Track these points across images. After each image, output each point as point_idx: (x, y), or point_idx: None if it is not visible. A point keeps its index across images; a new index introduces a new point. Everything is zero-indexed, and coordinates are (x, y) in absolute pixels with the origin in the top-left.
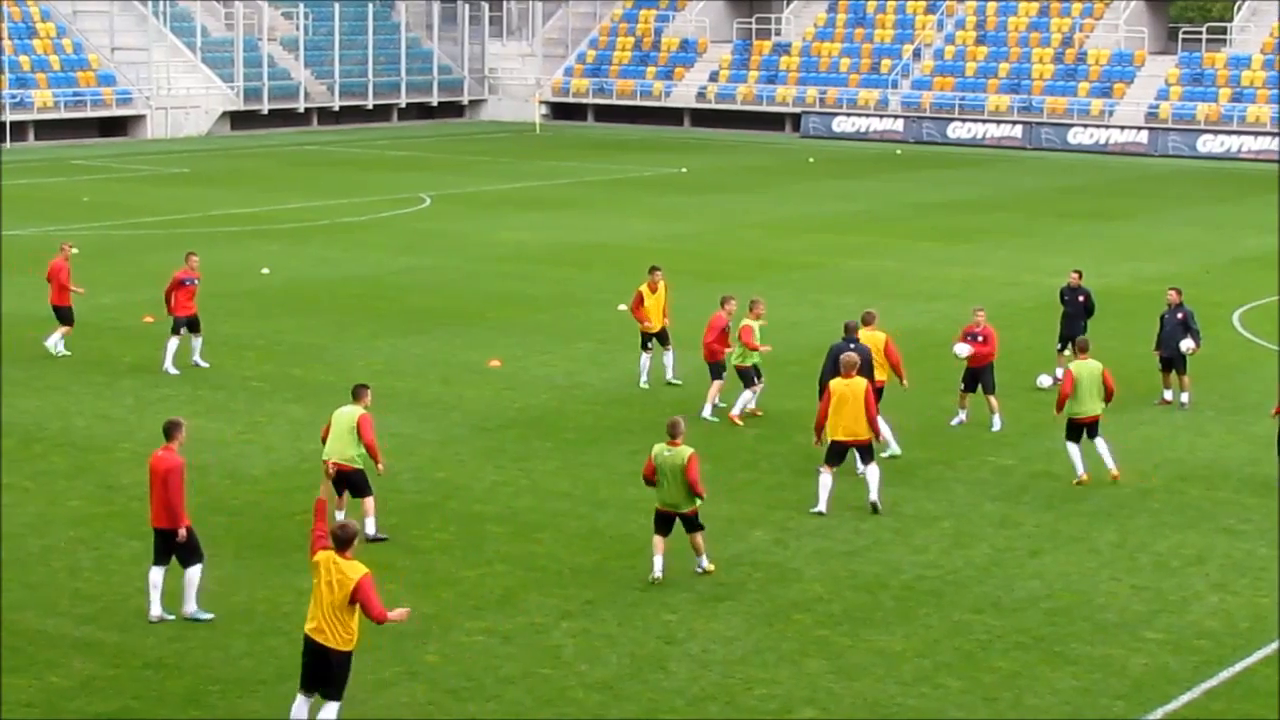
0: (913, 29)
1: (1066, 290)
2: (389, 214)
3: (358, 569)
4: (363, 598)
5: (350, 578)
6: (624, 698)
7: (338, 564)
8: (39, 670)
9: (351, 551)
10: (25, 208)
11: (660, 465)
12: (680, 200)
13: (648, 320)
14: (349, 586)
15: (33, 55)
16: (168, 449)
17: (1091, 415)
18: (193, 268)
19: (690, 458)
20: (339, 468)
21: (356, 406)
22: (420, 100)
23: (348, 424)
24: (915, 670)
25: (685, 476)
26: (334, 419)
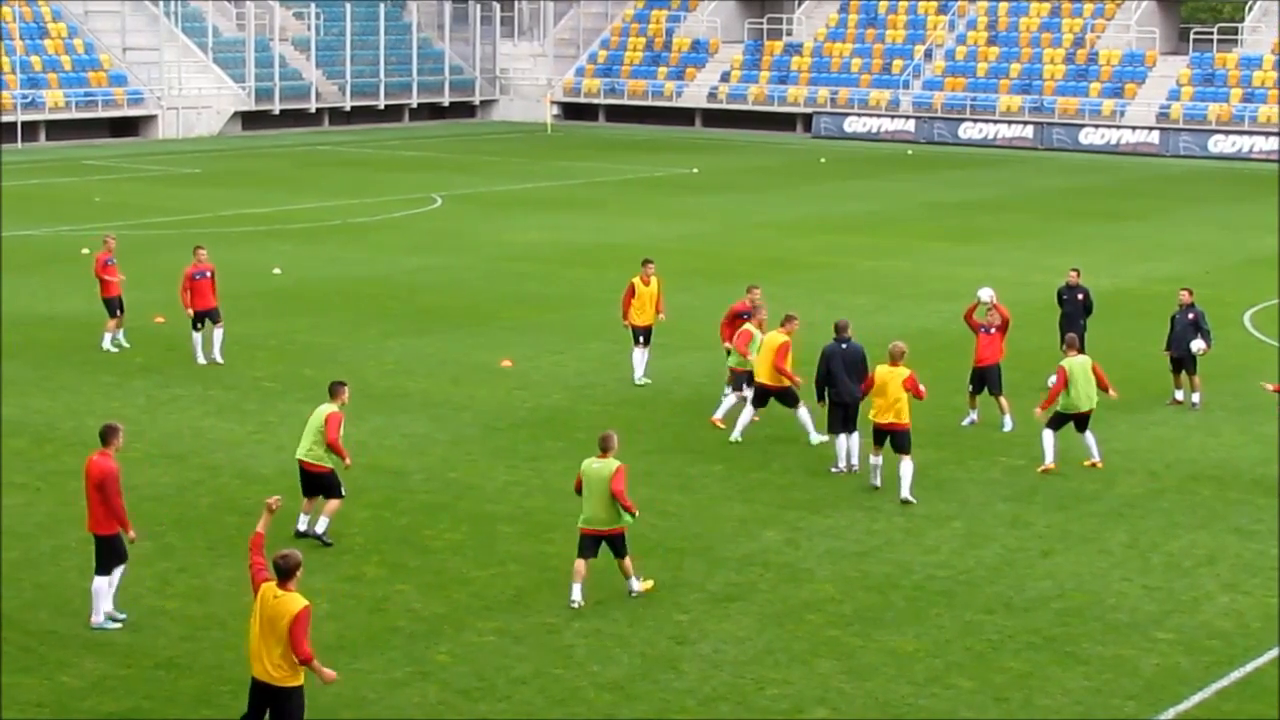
0: (924, 29)
1: (1065, 289)
2: (401, 214)
3: (297, 601)
4: (293, 631)
5: (289, 610)
6: (635, 698)
7: (278, 597)
8: (50, 670)
9: (294, 583)
10: (37, 208)
11: (587, 478)
12: (692, 200)
13: (633, 313)
14: (286, 620)
15: (44, 55)
16: (104, 454)
17: (1085, 411)
18: (201, 260)
19: (617, 470)
20: (309, 467)
21: (331, 404)
22: (432, 100)
23: (318, 422)
24: (927, 670)
25: (610, 489)
26: (311, 418)
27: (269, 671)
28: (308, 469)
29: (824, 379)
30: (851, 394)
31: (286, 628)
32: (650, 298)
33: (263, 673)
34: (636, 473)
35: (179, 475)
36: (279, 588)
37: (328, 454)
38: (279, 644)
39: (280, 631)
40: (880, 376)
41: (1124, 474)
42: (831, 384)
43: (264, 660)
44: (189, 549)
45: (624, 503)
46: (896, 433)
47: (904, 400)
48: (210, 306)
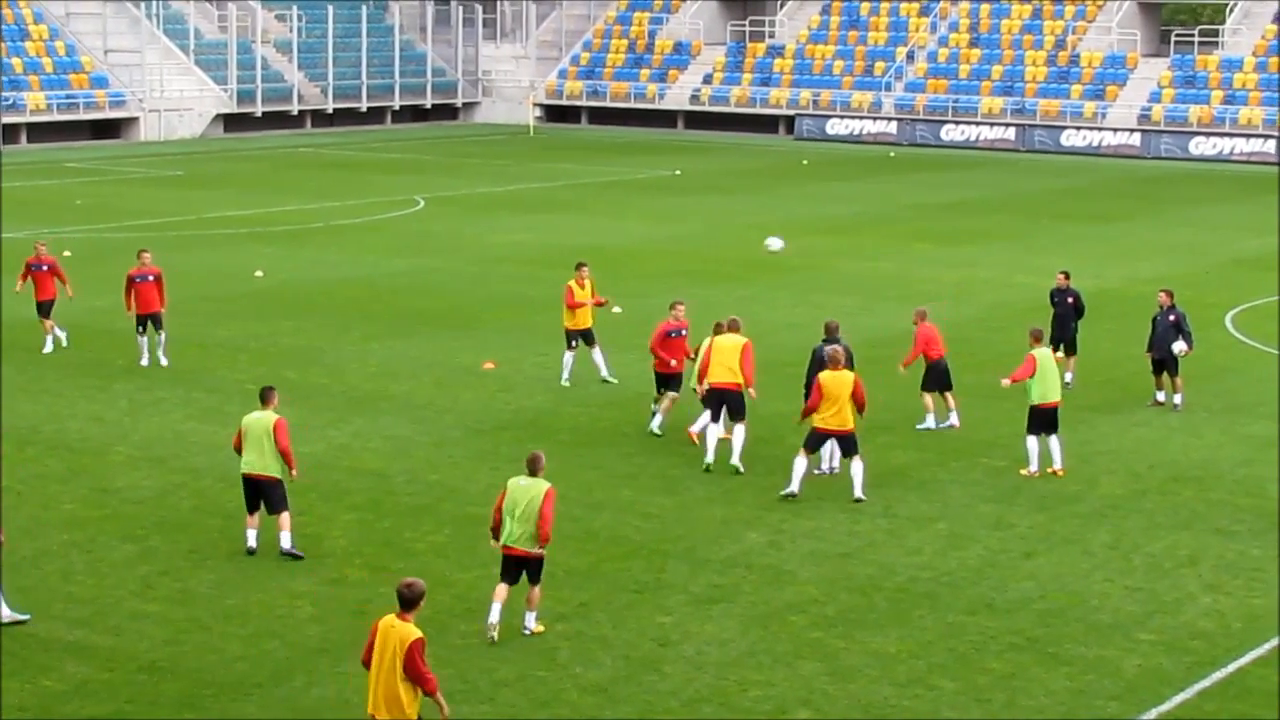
0: (906, 31)
1: (1055, 292)
2: (383, 216)
3: (411, 630)
4: (410, 660)
5: (404, 638)
6: (619, 700)
7: (394, 626)
8: (32, 674)
9: (414, 614)
10: (19, 210)
11: (514, 499)
12: (674, 202)
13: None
14: (401, 648)
15: (25, 57)
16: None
17: (1056, 401)
18: (145, 263)
19: (548, 493)
20: (260, 479)
21: (268, 411)
22: (414, 103)
23: (263, 431)
24: (909, 672)
25: (540, 512)
26: (246, 427)
27: (382, 710)
28: (258, 480)
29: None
30: None
31: (403, 656)
32: (588, 300)
33: (375, 707)
34: (619, 475)
35: (161, 478)
36: (399, 618)
37: (276, 462)
38: (395, 673)
39: (395, 661)
40: (827, 383)
41: (1106, 475)
42: None
43: (379, 697)
44: (171, 552)
45: (545, 529)
46: (843, 437)
47: (849, 404)
48: (154, 310)
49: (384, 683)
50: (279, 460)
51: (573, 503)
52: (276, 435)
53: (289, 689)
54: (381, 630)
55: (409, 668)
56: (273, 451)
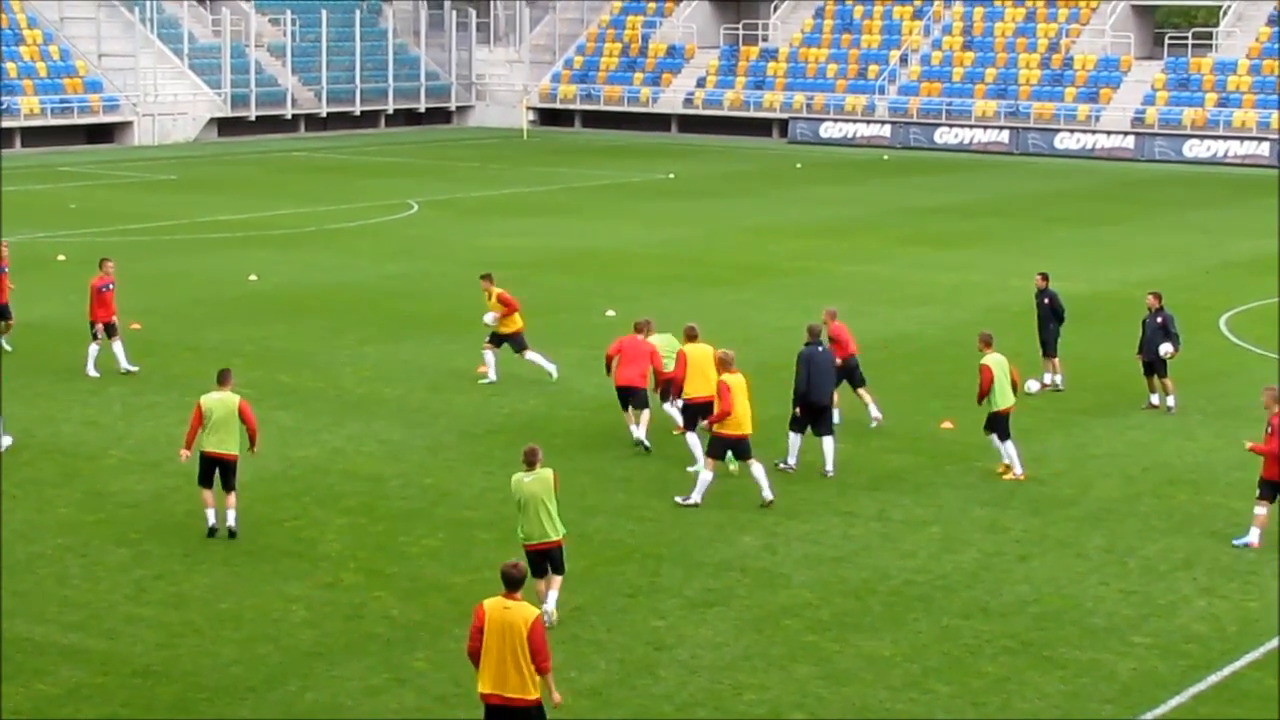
0: (900, 34)
1: (1036, 293)
2: (377, 220)
3: (530, 609)
4: (534, 639)
5: (525, 618)
6: (613, 704)
7: (508, 608)
8: (26, 678)
9: (521, 593)
10: (13, 215)
11: (522, 495)
12: (668, 206)
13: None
14: (524, 628)
15: (20, 62)
16: None
17: (1011, 406)
18: (109, 273)
19: (555, 477)
20: (225, 457)
21: (229, 392)
22: (408, 106)
23: (230, 411)
24: (904, 675)
25: (553, 498)
26: (209, 408)
27: (508, 686)
28: (223, 459)
29: (805, 383)
30: (826, 396)
31: (526, 636)
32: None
33: (500, 686)
34: (614, 479)
35: (155, 482)
36: (506, 598)
37: (239, 442)
38: (518, 652)
39: (520, 640)
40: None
41: (1100, 478)
42: (807, 387)
43: (509, 676)
44: (165, 556)
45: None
46: (743, 443)
47: (749, 409)
48: (111, 319)
49: (508, 661)
50: (243, 439)
51: (567, 506)
52: (244, 415)
53: (283, 693)
54: (492, 613)
55: (537, 642)
56: (237, 431)
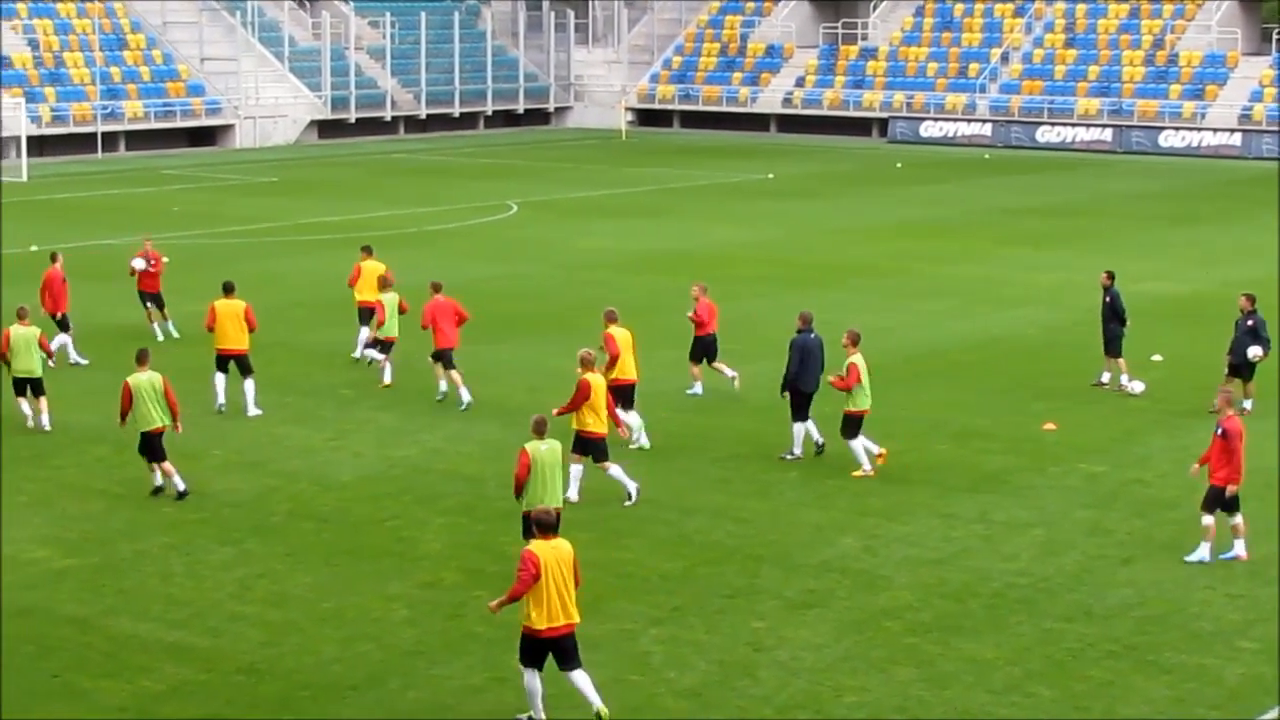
0: (1000, 32)
1: (1102, 292)
2: (476, 222)
3: (567, 544)
4: (576, 565)
5: (570, 552)
6: (712, 705)
7: (555, 547)
8: (131, 675)
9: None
10: (117, 217)
11: (541, 461)
12: (766, 206)
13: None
14: (569, 559)
15: (124, 66)
16: None
17: (867, 409)
18: (60, 264)
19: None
20: (157, 431)
21: (151, 371)
22: (506, 108)
23: (155, 389)
24: (1006, 679)
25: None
26: (137, 387)
27: (571, 615)
28: (158, 434)
29: (797, 369)
30: (816, 383)
31: (572, 563)
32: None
33: (567, 617)
34: (711, 480)
35: (257, 482)
36: (546, 539)
37: (165, 416)
38: (570, 582)
39: (569, 570)
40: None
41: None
42: (799, 374)
43: (569, 607)
44: (267, 555)
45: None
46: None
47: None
48: (63, 312)
49: (563, 594)
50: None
51: (665, 507)
52: (168, 391)
53: (384, 691)
54: (545, 554)
55: (578, 571)
56: (164, 406)
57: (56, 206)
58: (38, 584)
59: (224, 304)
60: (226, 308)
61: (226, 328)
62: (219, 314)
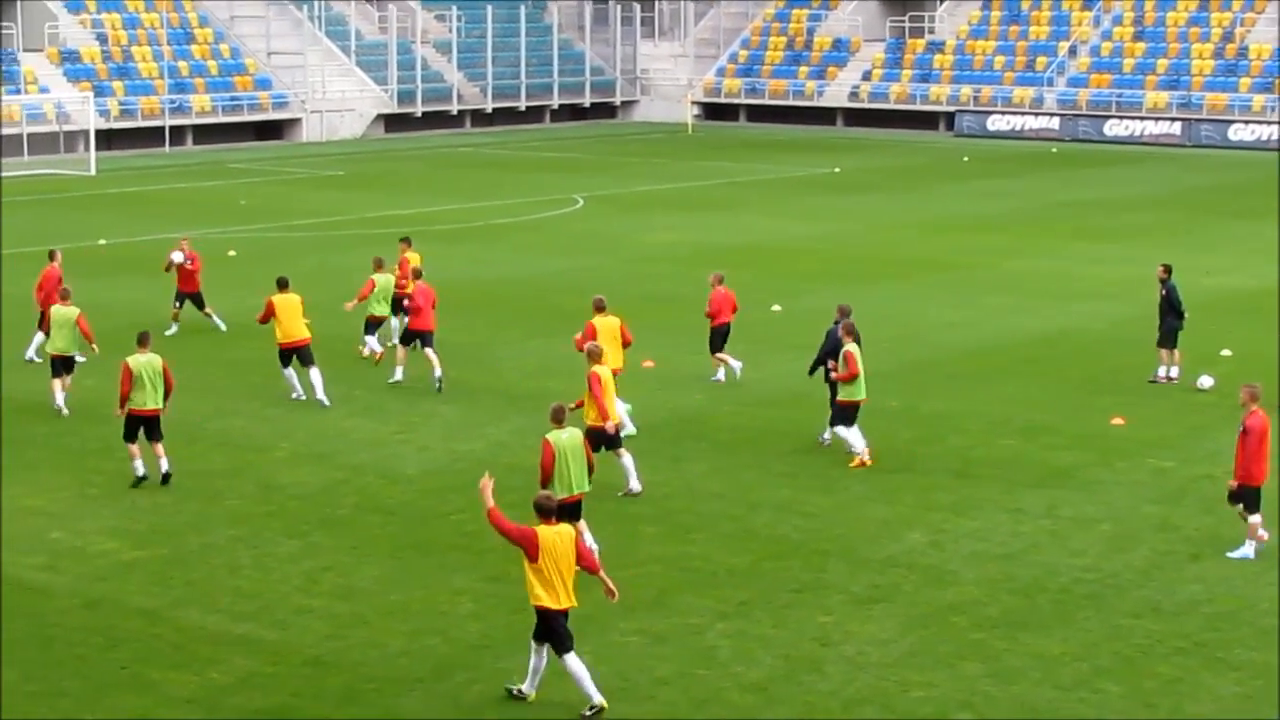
0: (1068, 25)
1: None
2: (542, 215)
3: (570, 528)
4: (581, 550)
5: (573, 536)
6: (778, 700)
7: (558, 532)
8: (199, 666)
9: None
10: (185, 211)
11: (563, 449)
12: (833, 200)
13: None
14: (573, 546)
15: (191, 60)
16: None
17: (862, 400)
18: (58, 262)
19: (584, 436)
20: (148, 413)
21: (151, 353)
22: (572, 101)
23: (155, 372)
24: (1074, 675)
25: (584, 454)
26: (137, 369)
27: (571, 599)
28: (149, 415)
29: (827, 357)
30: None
31: (576, 549)
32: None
33: (568, 599)
34: (778, 474)
35: (324, 475)
36: (547, 524)
37: (161, 398)
38: (571, 565)
39: (571, 555)
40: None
41: (1273, 476)
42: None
43: (570, 590)
44: (334, 548)
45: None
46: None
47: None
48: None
49: (565, 576)
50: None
51: (732, 501)
52: (166, 374)
53: (450, 685)
54: (547, 538)
55: (583, 549)
56: (161, 389)
57: (124, 200)
58: (107, 576)
59: (281, 298)
60: (285, 302)
61: (286, 321)
62: (277, 308)
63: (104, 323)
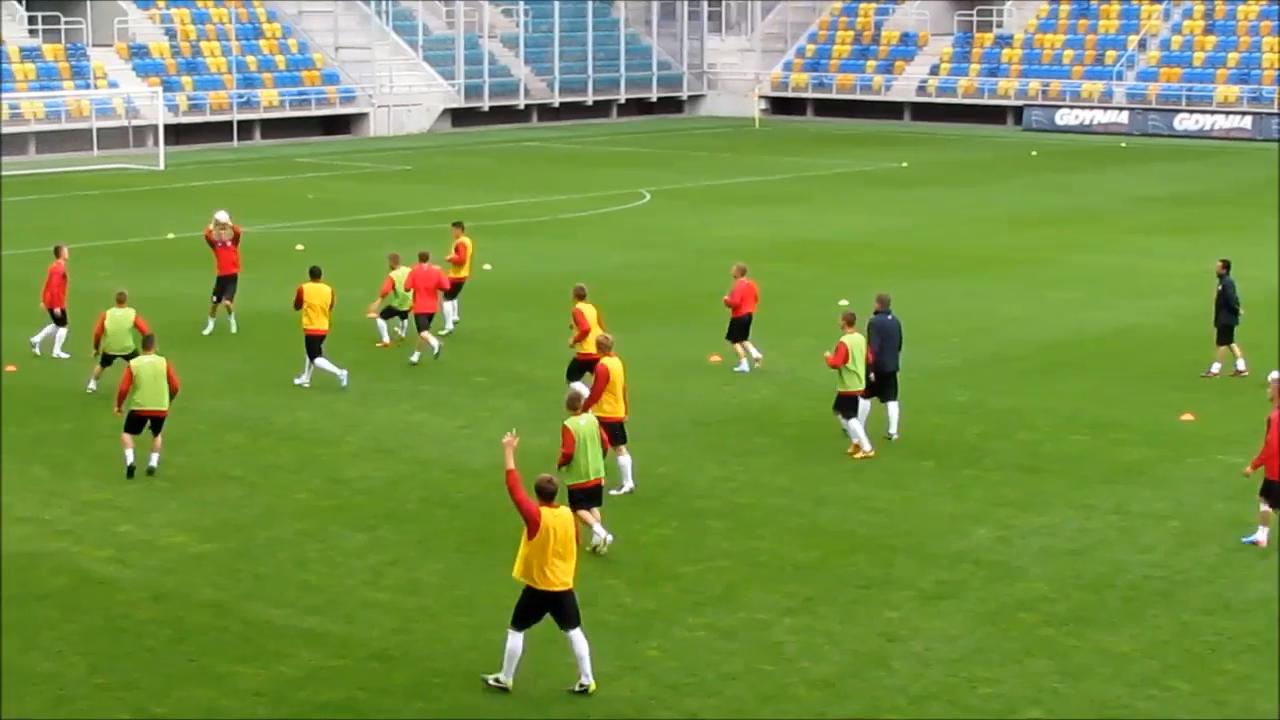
0: (1138, 19)
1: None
2: (609, 210)
3: (569, 513)
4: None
5: (571, 520)
6: (846, 695)
7: (558, 515)
8: (267, 660)
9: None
10: (253, 205)
11: (582, 435)
12: (900, 195)
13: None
14: (573, 529)
15: (259, 55)
16: None
17: (856, 391)
18: (64, 259)
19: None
20: (151, 413)
21: (155, 356)
22: (639, 96)
23: (157, 373)
24: (1142, 671)
25: (600, 440)
26: (139, 371)
27: (569, 579)
28: (152, 415)
29: (876, 350)
30: (895, 364)
31: (574, 535)
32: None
33: (562, 583)
34: (845, 469)
35: (390, 469)
36: (550, 508)
37: (166, 398)
38: (571, 547)
39: (572, 539)
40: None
41: None
42: (880, 355)
43: (567, 570)
44: (400, 542)
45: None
46: (619, 425)
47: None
48: (61, 307)
49: (564, 556)
50: (168, 396)
51: (799, 497)
52: (170, 377)
53: (517, 679)
54: (548, 518)
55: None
56: (165, 390)
57: (192, 194)
58: (175, 569)
59: (311, 287)
60: (315, 292)
61: (314, 311)
62: (307, 297)
63: (169, 316)
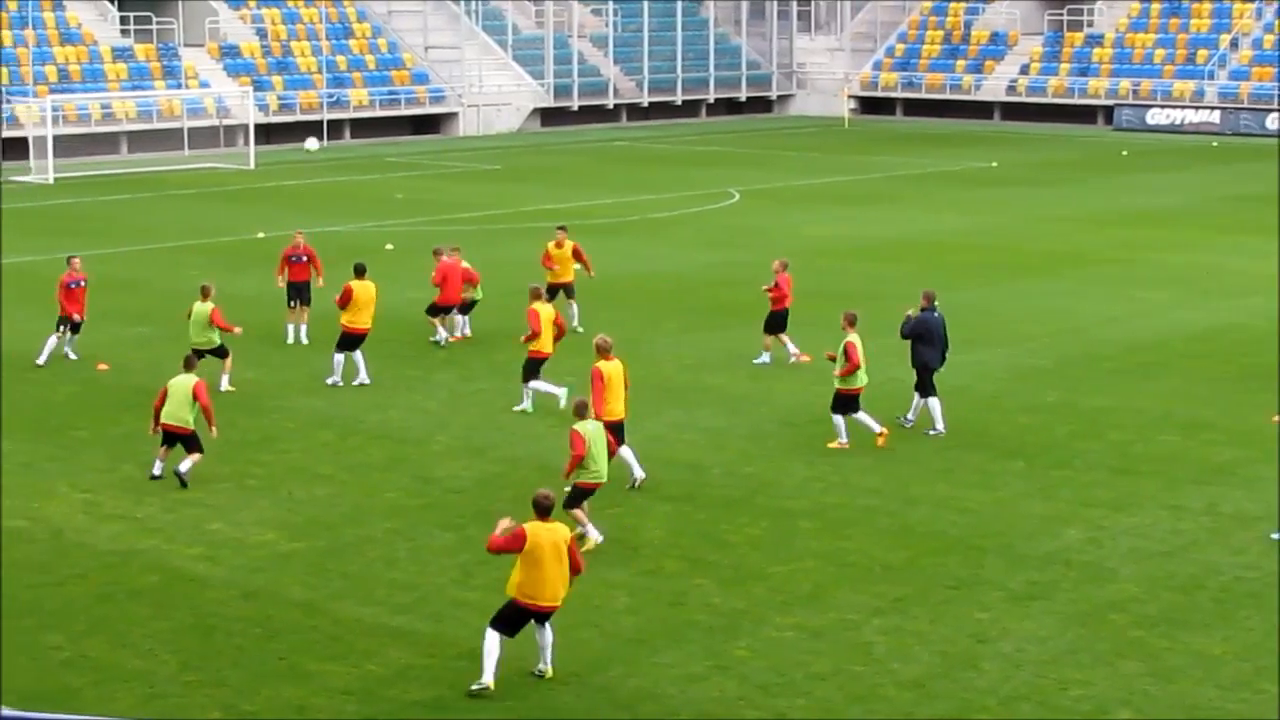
0: (1230, 18)
1: None
2: (698, 209)
3: (564, 528)
4: (573, 550)
5: (565, 536)
6: (935, 696)
7: (551, 529)
8: (356, 658)
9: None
10: (342, 205)
11: (590, 439)
12: (989, 194)
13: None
14: (565, 544)
15: (349, 55)
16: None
17: (860, 388)
18: (75, 269)
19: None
20: (176, 429)
21: (191, 375)
22: (728, 96)
23: (185, 391)
24: (1235, 674)
25: (606, 444)
26: (172, 388)
27: (560, 594)
28: (175, 430)
29: (913, 340)
30: (939, 361)
31: (568, 549)
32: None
33: (554, 598)
34: (934, 470)
35: (480, 469)
36: (543, 522)
37: (192, 416)
38: (563, 564)
39: (563, 554)
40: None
41: None
42: (921, 349)
43: (557, 586)
44: None
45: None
46: (620, 425)
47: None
48: (79, 314)
49: (560, 575)
50: (196, 414)
51: (888, 497)
52: (197, 394)
53: (606, 678)
54: (535, 534)
55: (576, 556)
56: (190, 407)
57: (282, 194)
58: (265, 567)
59: (360, 285)
60: (363, 289)
61: (361, 308)
62: (356, 295)
63: (258, 315)
